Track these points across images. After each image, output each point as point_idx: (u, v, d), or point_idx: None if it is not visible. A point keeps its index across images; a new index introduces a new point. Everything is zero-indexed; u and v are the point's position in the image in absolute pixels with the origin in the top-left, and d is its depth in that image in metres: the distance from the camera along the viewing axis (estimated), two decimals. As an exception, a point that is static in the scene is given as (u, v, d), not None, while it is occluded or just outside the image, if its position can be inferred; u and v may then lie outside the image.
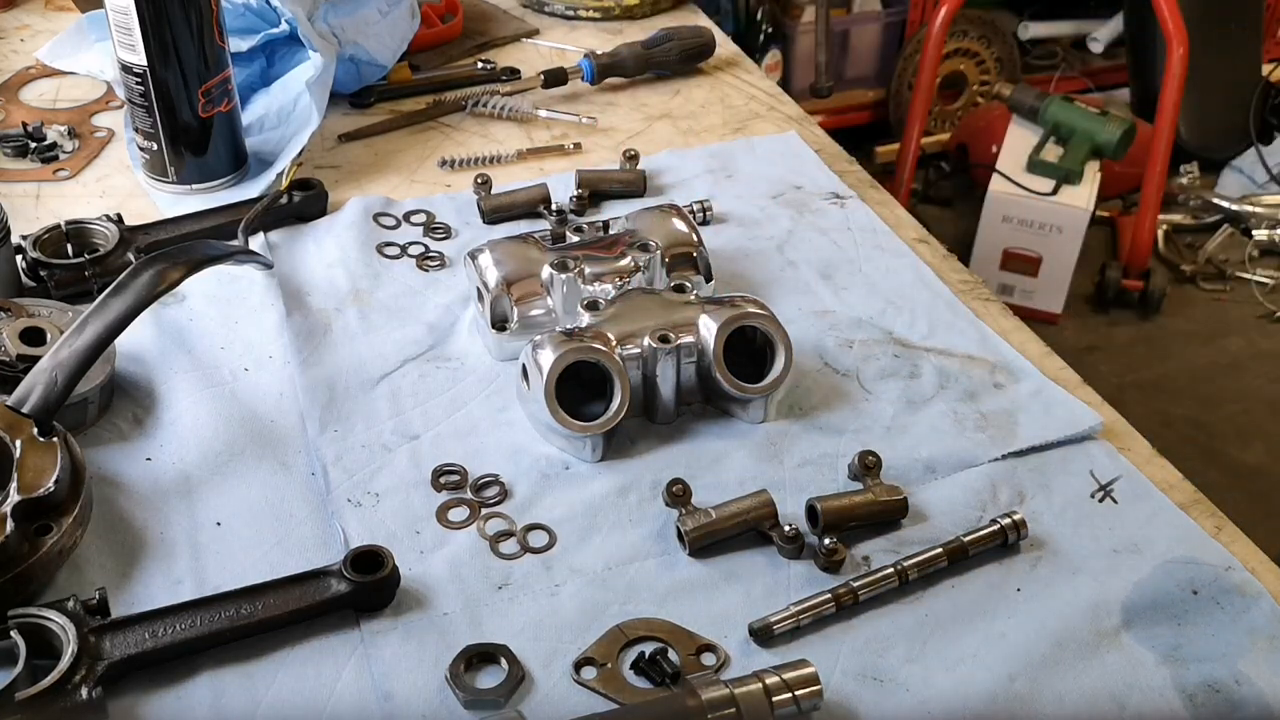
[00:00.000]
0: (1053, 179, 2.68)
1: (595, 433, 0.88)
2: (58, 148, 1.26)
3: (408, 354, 1.00)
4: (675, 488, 0.86)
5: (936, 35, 2.74)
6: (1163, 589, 0.81)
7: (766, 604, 0.80)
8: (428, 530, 0.85)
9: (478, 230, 1.16)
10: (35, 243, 1.04)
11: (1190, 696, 0.75)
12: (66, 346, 0.83)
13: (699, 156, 1.28)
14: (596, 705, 0.73)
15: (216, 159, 1.20)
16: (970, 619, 0.79)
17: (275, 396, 0.95)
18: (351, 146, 1.30)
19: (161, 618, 0.75)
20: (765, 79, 1.48)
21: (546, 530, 0.85)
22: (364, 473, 0.89)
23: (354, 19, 1.32)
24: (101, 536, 0.82)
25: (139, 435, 0.92)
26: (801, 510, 0.86)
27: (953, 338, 1.03)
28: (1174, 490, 0.90)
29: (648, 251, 1.01)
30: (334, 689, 0.74)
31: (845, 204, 1.21)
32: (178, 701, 0.73)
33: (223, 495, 0.87)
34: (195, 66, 1.13)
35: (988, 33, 3.29)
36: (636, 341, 0.92)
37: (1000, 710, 0.74)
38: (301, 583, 0.78)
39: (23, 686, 0.69)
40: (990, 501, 0.88)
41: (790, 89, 3.00)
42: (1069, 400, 0.96)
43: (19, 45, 1.48)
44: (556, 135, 1.33)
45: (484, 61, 1.46)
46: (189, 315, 1.03)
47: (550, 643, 0.77)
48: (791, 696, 0.70)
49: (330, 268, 1.10)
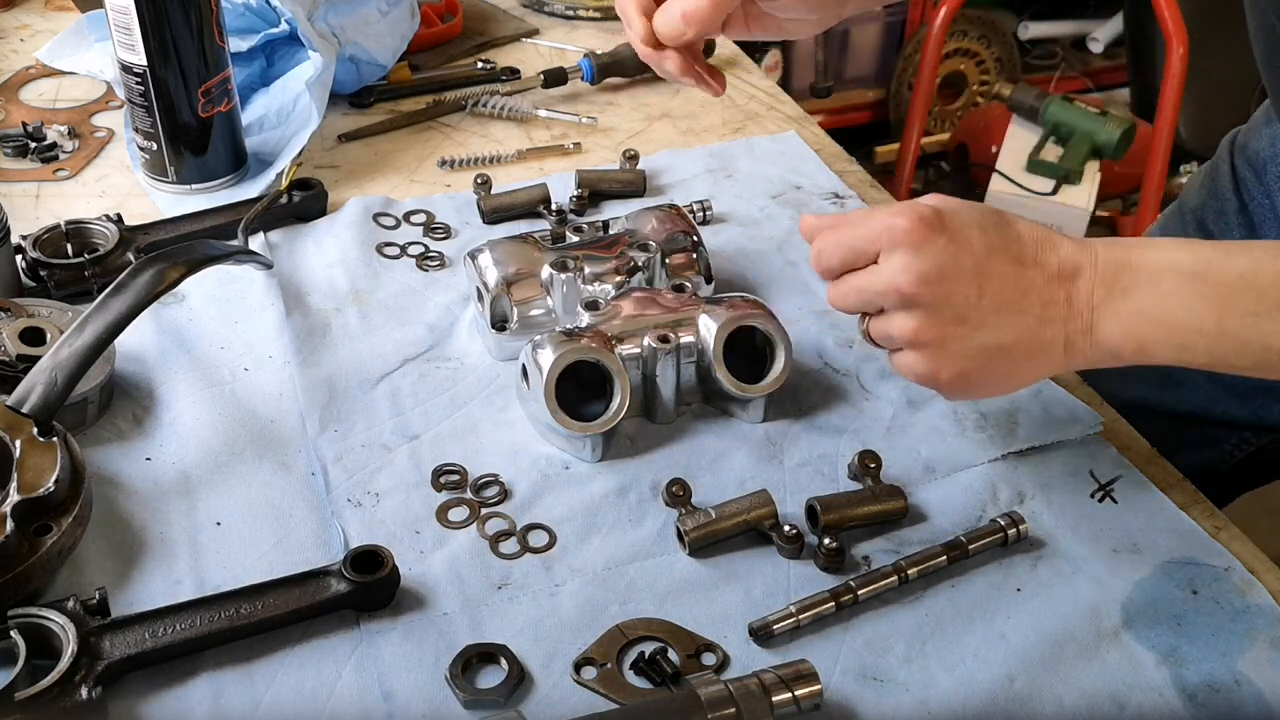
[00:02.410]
0: (1053, 179, 2.68)
1: (595, 432, 0.88)
2: (58, 148, 1.26)
3: (408, 354, 1.00)
4: (675, 488, 0.86)
5: (936, 35, 2.74)
6: (1163, 589, 0.81)
7: (766, 604, 0.80)
8: (428, 530, 0.85)
9: (478, 230, 1.16)
10: (35, 243, 1.04)
11: (1190, 696, 0.75)
12: (66, 346, 0.83)
13: (699, 156, 1.28)
14: (596, 705, 0.73)
15: (216, 159, 1.20)
16: (970, 619, 0.79)
17: (275, 396, 0.96)
18: (351, 146, 1.30)
19: (161, 618, 0.75)
20: (765, 79, 1.48)
21: (546, 530, 0.85)
22: (364, 473, 0.89)
23: (354, 19, 1.32)
24: (101, 536, 0.82)
25: (139, 435, 0.92)
26: (801, 510, 0.86)
27: (953, 338, 1.03)
28: (1174, 490, 0.90)
29: (648, 251, 1.01)
30: (334, 689, 0.74)
31: (845, 204, 1.21)
32: (178, 701, 0.73)
33: (222, 495, 0.87)
34: (195, 66, 1.13)
35: (988, 33, 3.29)
36: (636, 341, 0.92)
37: (1000, 710, 0.74)
38: (301, 583, 0.78)
39: (23, 686, 0.69)
40: (990, 501, 0.88)
41: (790, 89, 2.99)
42: (1069, 400, 0.96)
43: (19, 45, 1.48)
44: (556, 135, 1.33)
45: (484, 61, 1.46)
46: (189, 315, 1.03)
47: (550, 643, 0.77)
48: (791, 696, 0.70)
49: (330, 268, 1.10)
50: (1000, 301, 0.76)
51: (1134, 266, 0.76)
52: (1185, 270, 0.74)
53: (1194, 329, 0.74)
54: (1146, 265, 0.76)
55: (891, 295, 0.78)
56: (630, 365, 0.91)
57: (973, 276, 0.76)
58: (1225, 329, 0.73)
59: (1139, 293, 0.75)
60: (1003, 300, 0.76)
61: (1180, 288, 0.74)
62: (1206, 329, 0.73)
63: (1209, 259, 0.75)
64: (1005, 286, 0.76)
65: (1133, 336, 0.75)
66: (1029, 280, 0.77)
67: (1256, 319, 0.72)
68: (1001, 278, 0.77)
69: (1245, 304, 0.72)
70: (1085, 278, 0.76)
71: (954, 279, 0.76)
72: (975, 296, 0.76)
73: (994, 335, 0.77)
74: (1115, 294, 0.75)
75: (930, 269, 0.76)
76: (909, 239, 0.77)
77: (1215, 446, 1.17)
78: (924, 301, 0.77)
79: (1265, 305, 0.72)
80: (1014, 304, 0.76)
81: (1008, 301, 0.76)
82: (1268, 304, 0.72)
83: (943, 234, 0.77)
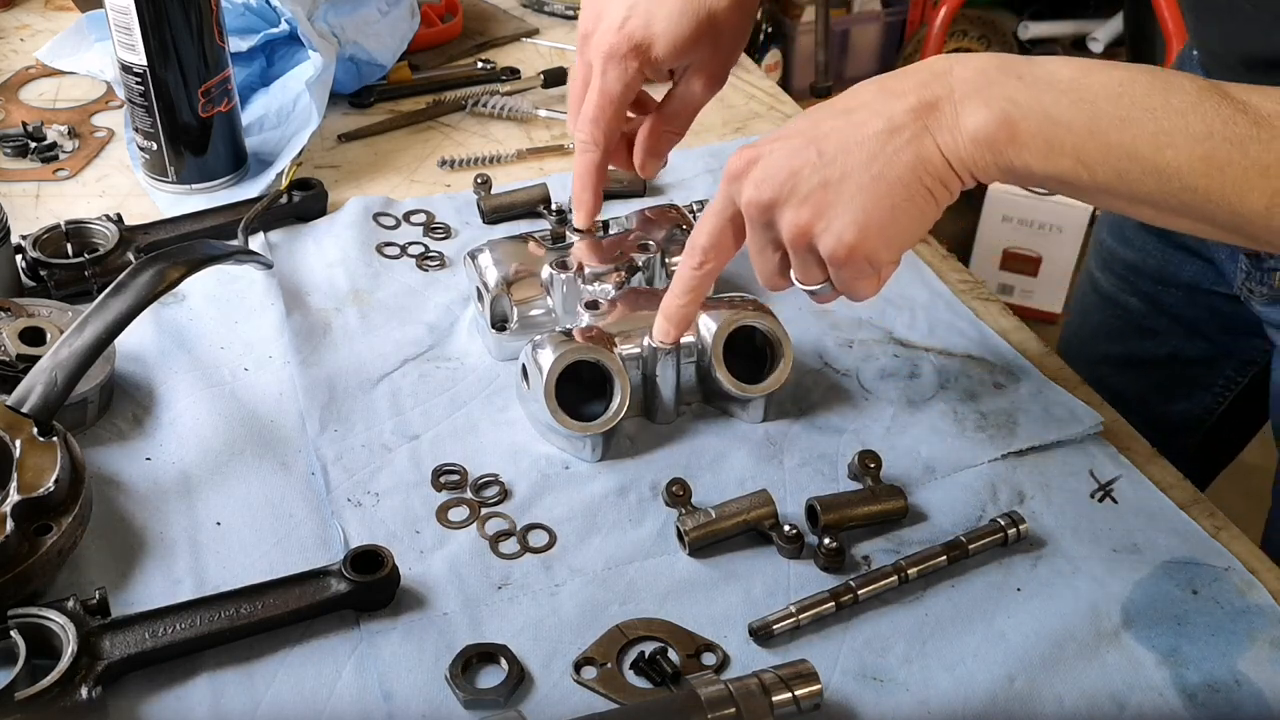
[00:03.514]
0: (1053, 179, 2.68)
1: (595, 432, 0.89)
2: (58, 147, 1.26)
3: (408, 354, 1.00)
4: (675, 488, 0.86)
5: (936, 35, 2.74)
6: (1163, 589, 0.82)
7: (766, 604, 0.80)
8: (428, 530, 0.85)
9: (478, 230, 1.16)
10: (35, 242, 1.04)
11: (1190, 696, 0.75)
12: (66, 346, 0.83)
13: (699, 156, 1.28)
14: (596, 705, 0.73)
15: (216, 159, 1.20)
16: (970, 619, 0.79)
17: (275, 396, 0.96)
18: (351, 146, 1.30)
19: (161, 617, 0.75)
20: (765, 79, 1.48)
21: (546, 530, 0.85)
22: (364, 472, 0.89)
23: (354, 18, 1.32)
24: (101, 536, 0.82)
25: (139, 435, 0.92)
26: (801, 510, 0.86)
27: (953, 338, 1.03)
28: (1174, 490, 0.90)
29: (648, 251, 1.01)
30: (334, 688, 0.74)
31: (845, 204, 1.21)
32: (178, 701, 0.73)
33: (222, 495, 0.87)
34: (195, 66, 1.13)
35: (988, 33, 3.29)
36: (636, 341, 0.92)
37: (1000, 710, 0.74)
38: (301, 582, 0.78)
39: (22, 686, 0.69)
40: (990, 501, 0.88)
41: (790, 89, 3.00)
42: (1069, 400, 0.96)
43: (19, 45, 1.48)
44: (556, 135, 1.33)
45: (484, 61, 1.46)
46: (189, 315, 1.03)
47: (550, 643, 0.77)
48: (791, 696, 0.70)
49: (330, 267, 1.10)
50: (842, 144, 0.76)
51: (1010, 68, 0.76)
52: (1059, 76, 0.75)
53: (1063, 124, 0.73)
54: (1023, 70, 0.76)
55: (755, 211, 0.79)
56: (630, 365, 0.91)
57: (805, 145, 0.77)
58: (1094, 129, 0.73)
59: (1011, 85, 0.75)
60: (844, 143, 0.76)
61: (1055, 91, 0.74)
62: (1076, 126, 0.73)
63: (1087, 66, 0.76)
64: (839, 134, 0.77)
65: (1004, 122, 0.74)
66: (860, 117, 0.77)
67: (1124, 124, 0.72)
68: (833, 129, 0.77)
69: (1116, 110, 0.73)
70: (948, 78, 0.76)
71: (789, 159, 0.77)
72: (816, 156, 0.76)
73: (856, 173, 0.76)
74: (984, 85, 0.75)
75: (769, 168, 0.78)
76: (733, 173, 0.80)
77: (1206, 390, 1.21)
78: (782, 194, 0.77)
79: (1134, 112, 0.72)
80: (856, 140, 0.76)
81: (850, 142, 0.76)
82: (1137, 111, 0.72)
83: (754, 149, 0.79)
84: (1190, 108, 0.71)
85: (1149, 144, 0.72)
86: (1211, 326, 1.18)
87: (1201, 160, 0.71)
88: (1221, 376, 1.21)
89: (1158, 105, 0.72)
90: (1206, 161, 0.71)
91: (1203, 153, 0.71)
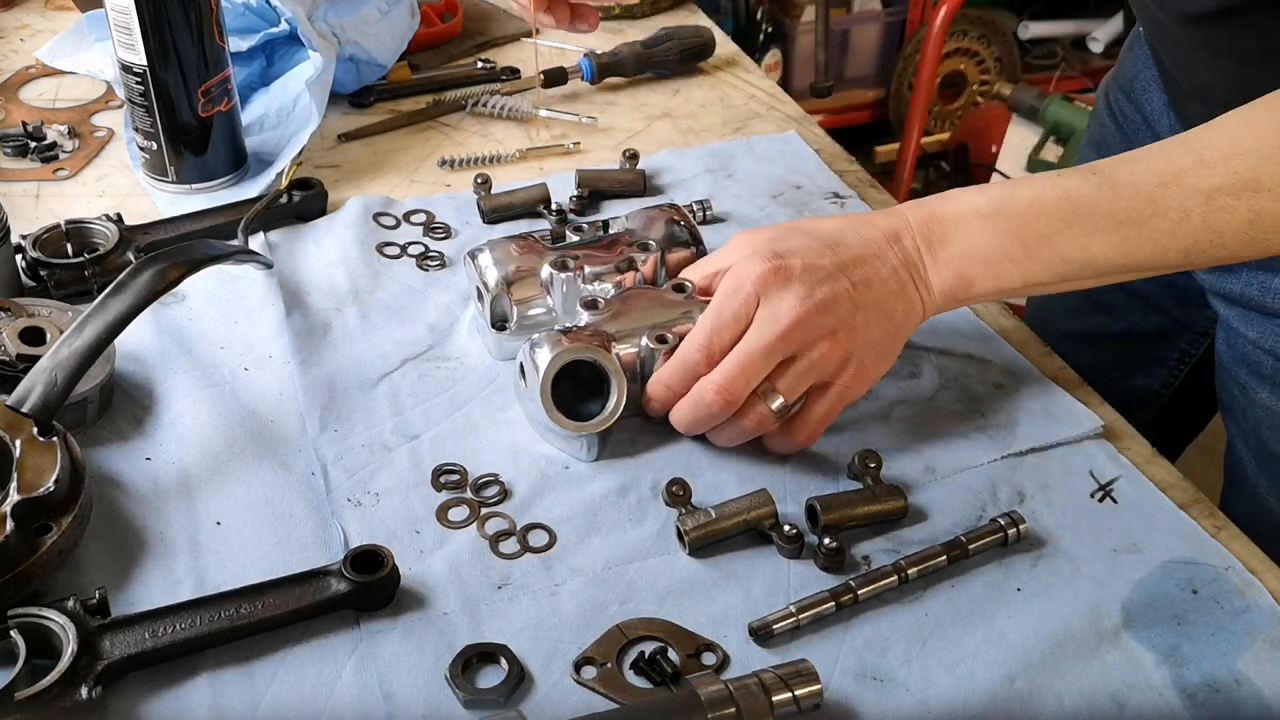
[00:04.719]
0: (1053, 179, 2.68)
1: (591, 432, 0.88)
2: (58, 147, 1.26)
3: (408, 354, 1.00)
4: (675, 487, 0.86)
5: (936, 35, 2.74)
6: (1163, 589, 0.82)
7: (766, 604, 0.80)
8: (428, 530, 0.85)
9: (478, 230, 1.16)
10: (35, 242, 1.04)
11: (1190, 696, 0.75)
12: (66, 346, 0.83)
13: (699, 156, 1.28)
14: (596, 705, 0.73)
15: (216, 159, 1.20)
16: (970, 619, 0.79)
17: (275, 396, 0.96)
18: (351, 146, 1.30)
19: (161, 617, 0.75)
20: (765, 79, 1.48)
21: (546, 530, 0.85)
22: (364, 472, 0.89)
23: (354, 18, 1.32)
24: (101, 536, 0.82)
25: (139, 435, 0.92)
26: (801, 510, 0.86)
27: (953, 338, 1.03)
28: (1174, 490, 0.90)
29: (648, 251, 1.01)
30: (334, 688, 0.74)
31: (845, 204, 1.21)
32: (178, 701, 0.73)
33: (222, 495, 0.87)
34: (195, 66, 1.13)
35: (988, 32, 3.29)
36: (635, 341, 0.92)
37: (1000, 710, 0.74)
38: (301, 582, 0.78)
39: (22, 686, 0.69)
40: (990, 501, 0.88)
41: (790, 89, 3.00)
42: (1069, 400, 0.96)
43: (19, 45, 1.48)
44: (556, 135, 1.33)
45: (484, 61, 1.46)
46: (189, 315, 1.03)
47: (550, 642, 0.77)
48: (791, 696, 0.70)
49: (330, 267, 1.10)
50: (865, 278, 0.85)
51: (940, 218, 0.86)
52: (983, 211, 0.85)
53: (1004, 258, 0.84)
54: (949, 214, 0.86)
55: (793, 332, 0.83)
56: (628, 365, 0.91)
57: (835, 274, 0.85)
58: (1028, 253, 0.84)
59: (950, 239, 0.86)
60: (866, 277, 0.85)
61: (983, 226, 0.85)
62: (1014, 256, 0.84)
63: (1001, 196, 0.86)
64: (862, 268, 0.85)
65: (959, 276, 0.86)
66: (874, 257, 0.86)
67: (1049, 239, 0.83)
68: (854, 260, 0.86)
69: (1038, 228, 0.83)
70: (906, 237, 0.86)
71: (824, 282, 0.84)
72: (849, 287, 0.85)
73: (878, 310, 0.85)
74: (933, 244, 0.86)
75: (804, 292, 0.83)
76: (764, 285, 0.84)
77: (1163, 364, 1.26)
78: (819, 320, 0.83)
79: (1054, 226, 0.83)
80: (877, 279, 0.85)
81: (871, 278, 0.85)
82: (1056, 225, 0.83)
83: (779, 259, 0.84)
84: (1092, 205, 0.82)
85: (1073, 246, 0.83)
86: (1165, 298, 1.21)
87: (1117, 246, 0.83)
88: (1176, 350, 1.25)
89: (1068, 214, 0.82)
90: (1122, 246, 0.82)
91: (1118, 240, 0.82)
